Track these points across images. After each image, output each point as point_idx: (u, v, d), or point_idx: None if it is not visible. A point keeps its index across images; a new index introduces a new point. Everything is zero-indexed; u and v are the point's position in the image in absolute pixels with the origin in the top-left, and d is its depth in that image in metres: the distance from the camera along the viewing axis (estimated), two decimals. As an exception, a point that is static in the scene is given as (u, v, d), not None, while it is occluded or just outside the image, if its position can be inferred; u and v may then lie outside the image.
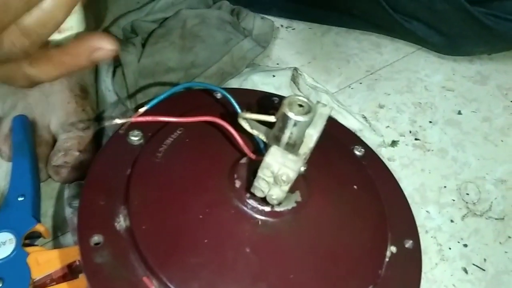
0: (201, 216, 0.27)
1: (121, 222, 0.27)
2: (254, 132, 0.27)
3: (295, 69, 0.48)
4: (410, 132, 0.47)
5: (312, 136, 0.26)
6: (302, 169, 0.26)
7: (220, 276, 0.25)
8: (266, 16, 0.56)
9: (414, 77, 0.52)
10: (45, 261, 0.32)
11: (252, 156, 0.28)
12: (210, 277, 0.25)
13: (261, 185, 0.25)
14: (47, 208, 0.37)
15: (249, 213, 0.28)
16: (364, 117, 0.46)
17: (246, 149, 0.27)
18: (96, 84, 0.46)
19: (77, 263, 0.32)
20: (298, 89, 0.48)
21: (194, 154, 0.30)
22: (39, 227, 0.34)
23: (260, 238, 0.27)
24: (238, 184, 0.28)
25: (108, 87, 0.47)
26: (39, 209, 0.37)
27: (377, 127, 0.46)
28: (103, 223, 0.27)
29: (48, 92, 0.41)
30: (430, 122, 0.48)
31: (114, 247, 0.26)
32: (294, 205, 0.28)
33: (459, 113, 0.49)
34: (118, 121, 0.25)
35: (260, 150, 0.29)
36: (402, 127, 0.47)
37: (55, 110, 0.41)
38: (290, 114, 0.24)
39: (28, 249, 0.33)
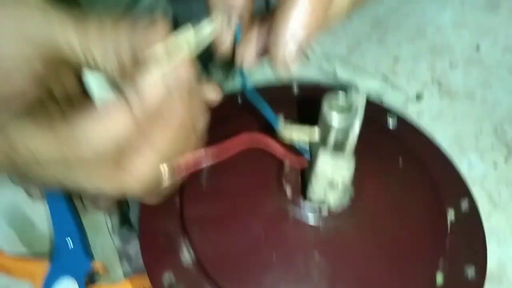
0: (263, 233, 0.27)
1: (187, 256, 0.27)
2: (299, 139, 0.26)
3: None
4: (432, 80, 0.45)
5: (355, 128, 0.25)
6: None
7: (299, 288, 0.26)
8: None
9: (423, 19, 0.49)
10: (116, 297, 0.33)
11: (300, 165, 0.27)
12: (290, 292, 0.25)
13: (317, 192, 0.25)
14: (91, 241, 0.37)
15: (308, 220, 0.27)
16: (385, 77, 0.44)
17: (292, 161, 0.27)
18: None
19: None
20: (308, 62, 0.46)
21: (235, 172, 0.30)
22: (96, 265, 0.35)
23: (326, 241, 0.27)
24: (289, 192, 0.28)
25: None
26: (89, 246, 0.37)
27: (398, 83, 0.45)
28: (170, 260, 0.27)
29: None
30: (451, 64, 0.46)
31: (187, 283, 0.26)
32: (349, 202, 0.28)
33: (478, 48, 0.47)
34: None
35: (303, 152, 0.28)
36: (423, 76, 0.45)
37: None
38: (333, 122, 0.23)
39: (93, 289, 0.33)
